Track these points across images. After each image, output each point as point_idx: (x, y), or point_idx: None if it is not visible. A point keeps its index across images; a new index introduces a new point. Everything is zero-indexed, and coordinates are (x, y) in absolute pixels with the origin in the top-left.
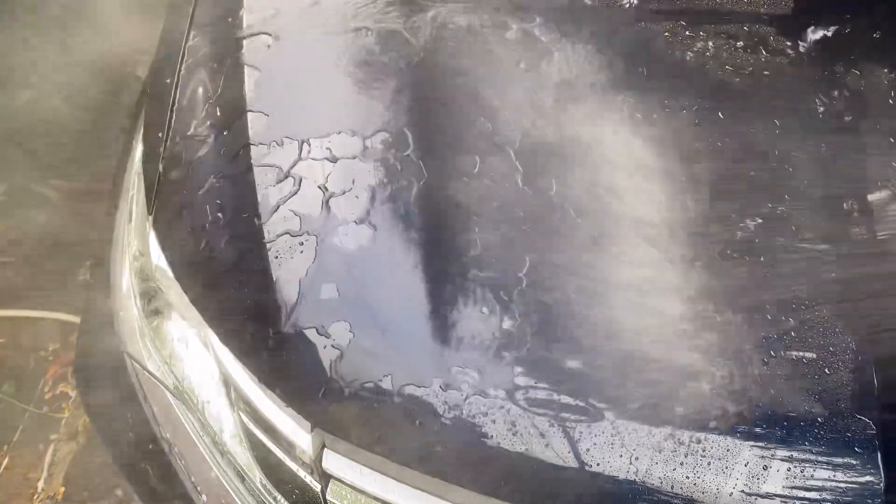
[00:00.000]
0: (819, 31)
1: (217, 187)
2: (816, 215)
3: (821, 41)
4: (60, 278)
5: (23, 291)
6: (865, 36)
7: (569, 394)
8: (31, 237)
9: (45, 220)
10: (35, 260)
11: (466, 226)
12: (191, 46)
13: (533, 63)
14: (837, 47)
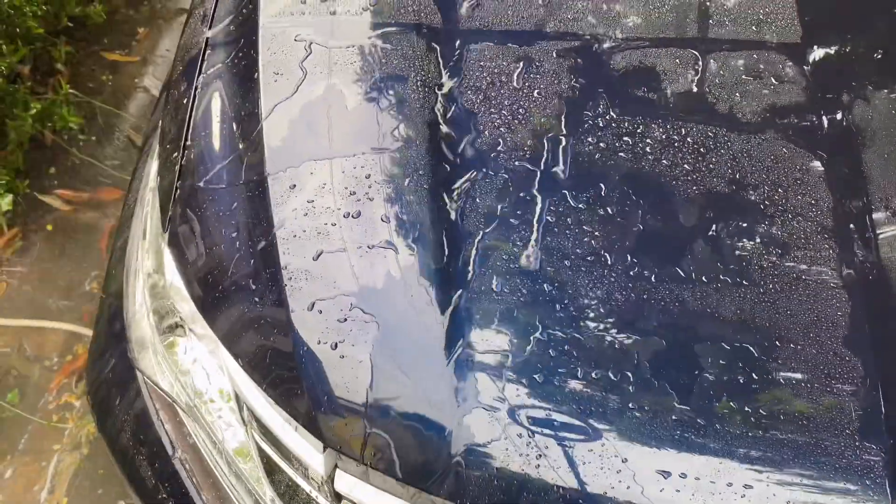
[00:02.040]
0: (824, 54)
1: (233, 205)
2: (819, 236)
3: (825, 65)
4: (66, 288)
5: (28, 301)
6: (868, 57)
7: (577, 416)
8: (36, 247)
9: (51, 230)
10: (40, 269)
11: (477, 246)
12: (208, 60)
13: (552, 89)
14: (842, 71)
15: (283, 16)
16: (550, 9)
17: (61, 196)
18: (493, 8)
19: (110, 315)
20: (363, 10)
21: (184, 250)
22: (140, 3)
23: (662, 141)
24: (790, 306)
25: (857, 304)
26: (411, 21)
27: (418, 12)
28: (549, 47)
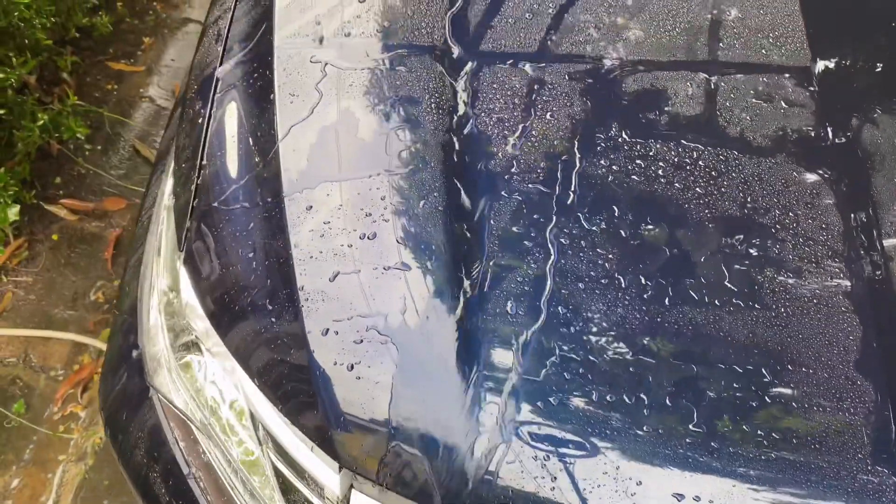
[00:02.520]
0: (833, 77)
1: (249, 226)
2: (830, 260)
3: (834, 88)
4: (71, 298)
5: (33, 311)
6: (878, 79)
7: (591, 439)
8: (42, 256)
9: (57, 240)
10: (46, 279)
11: (492, 268)
12: (223, 79)
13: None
14: (852, 93)
15: (297, 37)
16: (562, 32)
17: (67, 206)
18: (505, 31)
19: (124, 331)
20: (377, 31)
21: (199, 269)
22: (145, 13)
23: (674, 164)
24: (802, 330)
25: (869, 327)
26: (425, 43)
27: (432, 35)
28: (561, 70)
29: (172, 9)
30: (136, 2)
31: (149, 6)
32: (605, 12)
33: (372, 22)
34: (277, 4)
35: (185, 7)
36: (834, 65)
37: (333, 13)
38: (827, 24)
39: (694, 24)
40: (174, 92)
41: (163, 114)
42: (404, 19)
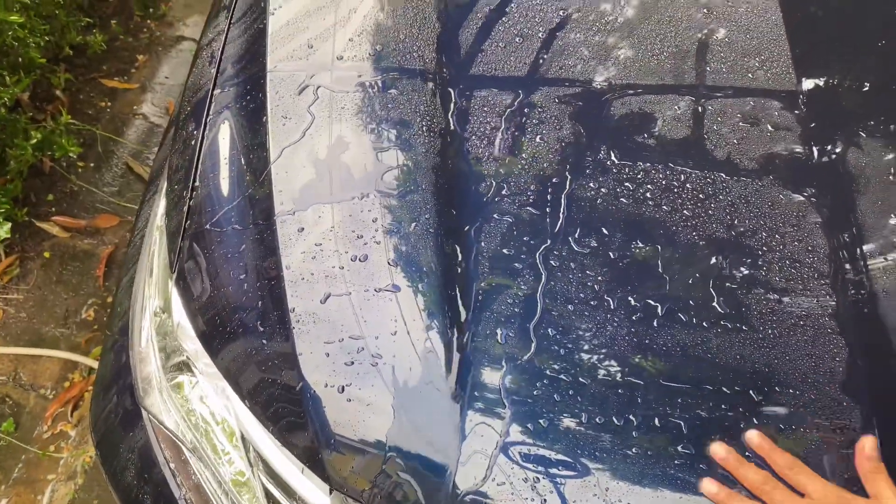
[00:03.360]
0: (818, 100)
1: (241, 247)
2: (816, 282)
3: (819, 111)
4: (62, 316)
5: (24, 328)
6: (862, 102)
7: (580, 459)
8: (33, 274)
9: (49, 257)
10: (37, 297)
11: (482, 289)
12: (216, 101)
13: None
14: (836, 116)
15: (290, 60)
16: (552, 55)
17: (59, 223)
18: (495, 54)
19: (115, 352)
20: (369, 55)
21: (191, 290)
22: (139, 31)
23: (662, 186)
24: (789, 350)
25: (854, 349)
26: (416, 67)
27: (423, 58)
28: (551, 93)
29: (167, 27)
30: (130, 20)
31: (143, 24)
32: (593, 36)
33: (364, 46)
34: (271, 28)
35: (179, 25)
36: (819, 87)
37: (326, 37)
38: (812, 48)
39: (681, 49)
40: (168, 109)
41: (156, 131)
42: (396, 43)
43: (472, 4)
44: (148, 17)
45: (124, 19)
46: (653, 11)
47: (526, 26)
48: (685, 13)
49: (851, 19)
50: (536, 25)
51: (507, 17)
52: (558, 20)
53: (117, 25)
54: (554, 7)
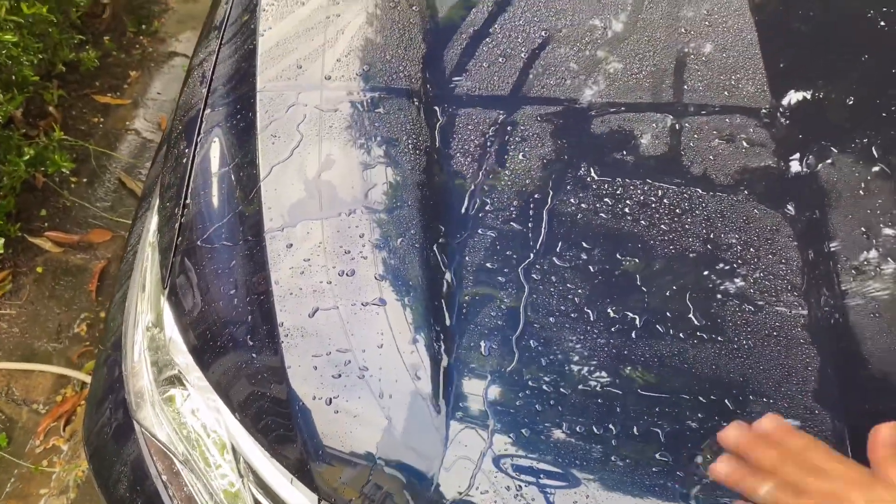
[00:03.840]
0: (791, 118)
1: (231, 263)
2: (789, 294)
3: (792, 128)
4: (55, 331)
5: (17, 343)
6: (833, 120)
7: (563, 467)
8: (26, 289)
9: (41, 272)
10: (30, 312)
11: (467, 302)
12: (207, 120)
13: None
14: (808, 133)
15: (280, 80)
16: (534, 75)
17: (51, 238)
18: (479, 74)
19: (108, 366)
20: (357, 75)
21: (183, 306)
22: (132, 47)
23: (641, 202)
24: (762, 361)
25: (826, 358)
26: (403, 86)
27: (409, 78)
28: (533, 112)
29: (159, 43)
30: (122, 36)
31: (135, 40)
32: (574, 56)
33: (351, 66)
34: (260, 48)
35: (171, 41)
36: (792, 105)
37: (314, 57)
38: (785, 66)
39: (660, 68)
40: (160, 124)
41: (148, 146)
42: (382, 63)
43: (457, 26)
44: (140, 34)
45: (117, 36)
46: (632, 31)
47: (508, 47)
48: (663, 33)
49: (824, 39)
50: (519, 46)
51: (490, 38)
52: (540, 41)
53: (110, 42)
54: (536, 28)
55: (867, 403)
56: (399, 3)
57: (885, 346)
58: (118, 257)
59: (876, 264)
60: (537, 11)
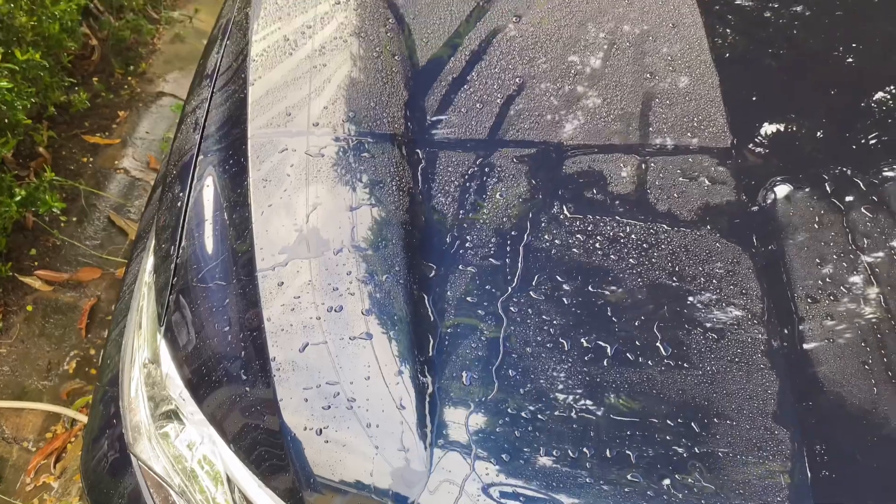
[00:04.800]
0: (751, 157)
1: (225, 301)
2: (750, 322)
3: (752, 167)
4: (45, 368)
5: (7, 382)
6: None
7: (543, 491)
8: (16, 327)
9: (31, 311)
10: (20, 350)
11: (449, 335)
12: (200, 165)
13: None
14: (767, 171)
15: (270, 126)
16: (510, 119)
17: (42, 277)
18: (458, 119)
19: (105, 402)
20: (343, 121)
21: (179, 342)
22: (120, 88)
23: (610, 237)
24: (725, 386)
25: (785, 382)
26: (386, 131)
27: (393, 123)
28: (509, 154)
29: (147, 83)
30: (111, 77)
31: (123, 81)
32: (547, 102)
33: (337, 112)
34: (251, 97)
35: (159, 81)
36: (751, 144)
37: (303, 105)
38: (744, 109)
39: (626, 111)
40: (148, 163)
41: (137, 185)
42: (367, 110)
43: (437, 73)
44: (129, 75)
45: (106, 77)
46: (600, 77)
47: (485, 93)
48: (630, 78)
49: (781, 82)
50: (495, 92)
51: (468, 84)
52: (515, 87)
53: (99, 83)
54: (510, 76)
55: (824, 424)
56: (382, 53)
57: (840, 370)
58: (108, 295)
59: (830, 293)
60: (512, 59)
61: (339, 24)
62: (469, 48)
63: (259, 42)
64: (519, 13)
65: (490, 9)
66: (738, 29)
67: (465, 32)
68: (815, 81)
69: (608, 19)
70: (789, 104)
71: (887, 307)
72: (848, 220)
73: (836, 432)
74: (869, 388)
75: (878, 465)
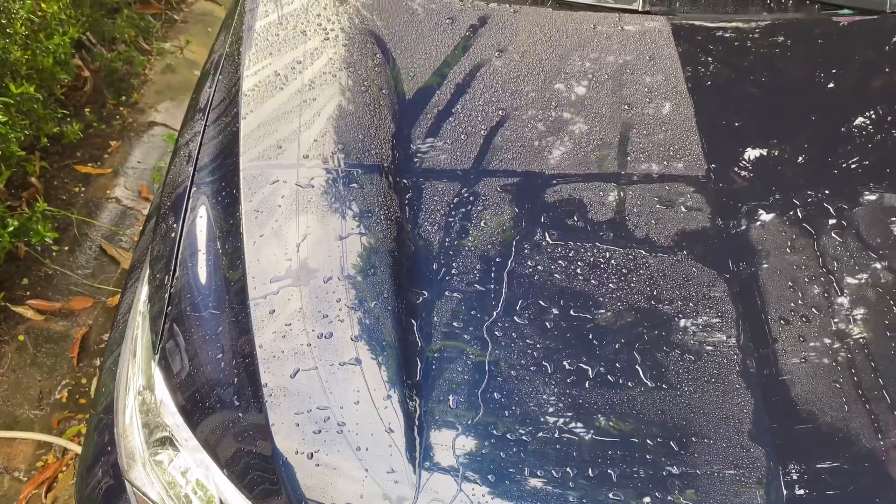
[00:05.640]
0: (725, 185)
1: (218, 329)
2: (725, 344)
3: (726, 194)
4: (36, 398)
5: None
6: (762, 186)
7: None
8: (8, 357)
9: (23, 340)
10: (11, 380)
11: (436, 359)
12: (194, 197)
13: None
14: (741, 198)
15: (261, 159)
16: (493, 150)
17: (33, 307)
18: (443, 150)
19: (100, 430)
20: (332, 153)
21: (173, 369)
22: (112, 118)
23: (591, 263)
24: (702, 405)
25: (759, 402)
26: (374, 163)
27: (380, 155)
28: (492, 183)
29: (138, 113)
30: (103, 108)
31: (115, 111)
32: (529, 132)
33: (327, 145)
34: (243, 130)
35: (150, 111)
36: (725, 173)
37: (293, 138)
38: (719, 138)
39: (605, 141)
40: (140, 192)
41: (129, 214)
42: (355, 142)
43: (423, 106)
44: (121, 105)
45: (98, 107)
46: (580, 108)
47: (470, 124)
48: (608, 110)
49: (752, 113)
50: (479, 124)
51: (453, 117)
52: (498, 119)
53: (91, 113)
54: (494, 108)
55: (797, 441)
56: (370, 87)
57: (812, 389)
58: (99, 324)
59: (802, 314)
60: (495, 93)
61: (328, 60)
62: (453, 81)
63: (251, 77)
64: (501, 47)
65: (473, 43)
66: (712, 60)
67: (450, 66)
68: (786, 110)
69: (587, 52)
70: (762, 133)
71: (857, 328)
72: (819, 245)
73: (809, 450)
74: (840, 407)
75: (849, 480)
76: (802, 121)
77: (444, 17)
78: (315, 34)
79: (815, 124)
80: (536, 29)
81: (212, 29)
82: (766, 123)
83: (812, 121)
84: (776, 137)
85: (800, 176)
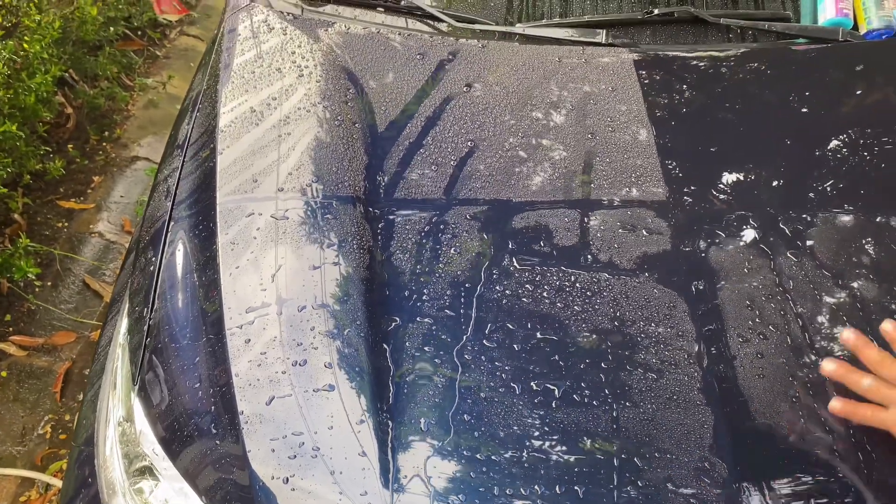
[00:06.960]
0: (685, 209)
1: (195, 359)
2: (686, 362)
3: (686, 218)
4: (19, 434)
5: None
6: (721, 210)
7: None
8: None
9: (5, 376)
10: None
11: (408, 383)
12: (171, 231)
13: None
14: (700, 222)
15: (238, 193)
16: (462, 180)
17: (16, 342)
18: (414, 180)
19: (80, 462)
20: (306, 185)
21: (152, 400)
22: (95, 154)
23: (556, 287)
24: (664, 422)
25: (719, 417)
26: (347, 194)
27: (353, 187)
28: (462, 212)
29: (121, 148)
30: (86, 143)
31: (98, 147)
32: (497, 163)
33: (301, 178)
34: (220, 165)
35: (133, 146)
36: (684, 197)
37: (269, 171)
38: (678, 164)
39: (571, 170)
40: (123, 226)
41: (112, 248)
42: (329, 175)
43: (395, 139)
44: (103, 140)
45: (81, 143)
46: (546, 138)
47: (440, 156)
48: (573, 139)
49: (712, 140)
50: (448, 156)
51: (423, 148)
52: (466, 150)
53: (74, 149)
54: (462, 140)
55: (756, 454)
56: (343, 121)
57: (769, 404)
58: (82, 358)
59: (759, 332)
60: (464, 125)
61: (303, 96)
62: (424, 114)
63: (227, 113)
64: (469, 81)
65: (443, 78)
66: (673, 90)
67: (420, 100)
68: (746, 136)
69: (553, 84)
70: (721, 158)
71: (812, 344)
72: (775, 265)
73: (768, 462)
74: (797, 420)
75: (807, 490)
76: (761, 145)
77: (415, 52)
78: (290, 71)
79: (773, 149)
80: (504, 63)
81: (193, 64)
82: (725, 149)
83: (770, 145)
84: (735, 163)
85: (756, 199)
